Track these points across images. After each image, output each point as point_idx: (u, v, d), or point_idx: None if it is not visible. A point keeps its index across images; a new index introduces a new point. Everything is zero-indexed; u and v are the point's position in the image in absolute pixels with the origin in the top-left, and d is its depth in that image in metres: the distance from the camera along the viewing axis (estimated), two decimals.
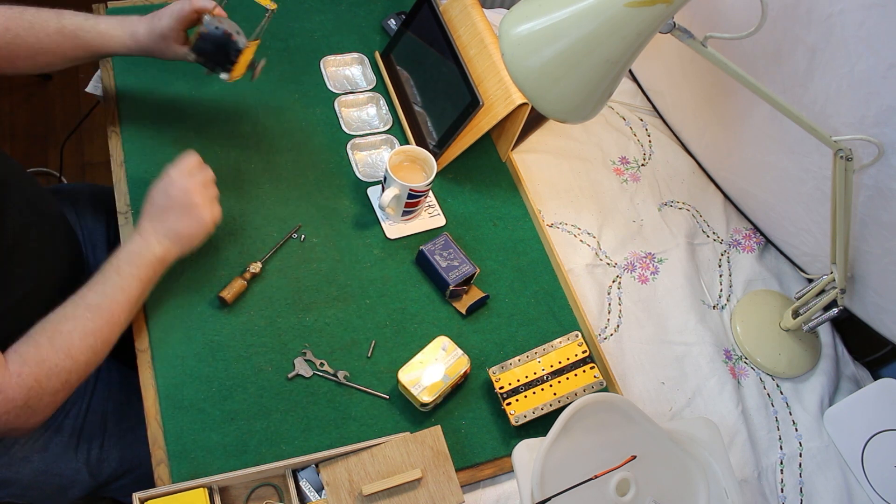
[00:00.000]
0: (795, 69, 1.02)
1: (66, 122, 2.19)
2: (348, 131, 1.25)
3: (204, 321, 1.03)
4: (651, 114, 1.47)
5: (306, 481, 0.93)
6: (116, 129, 1.18)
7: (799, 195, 1.16)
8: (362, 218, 1.17)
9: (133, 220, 1.09)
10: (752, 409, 1.16)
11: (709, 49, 0.81)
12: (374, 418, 1.01)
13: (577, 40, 0.79)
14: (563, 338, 1.05)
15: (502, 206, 1.23)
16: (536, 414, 1.00)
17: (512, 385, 1.02)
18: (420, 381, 0.99)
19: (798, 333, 1.22)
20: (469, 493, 1.00)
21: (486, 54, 1.17)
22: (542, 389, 1.02)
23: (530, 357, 1.04)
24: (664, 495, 0.95)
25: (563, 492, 0.90)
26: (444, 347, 1.02)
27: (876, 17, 0.88)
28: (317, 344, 1.05)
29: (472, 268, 1.10)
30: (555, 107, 0.87)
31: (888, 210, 0.99)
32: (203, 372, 1.00)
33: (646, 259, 1.27)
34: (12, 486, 1.06)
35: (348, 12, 1.40)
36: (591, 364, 1.04)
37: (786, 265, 1.32)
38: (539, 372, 1.03)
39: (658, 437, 0.98)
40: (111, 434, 1.10)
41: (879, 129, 0.93)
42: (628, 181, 1.35)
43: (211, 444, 0.95)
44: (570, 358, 1.04)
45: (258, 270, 1.06)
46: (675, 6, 0.75)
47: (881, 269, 1.06)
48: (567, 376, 1.03)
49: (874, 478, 1.11)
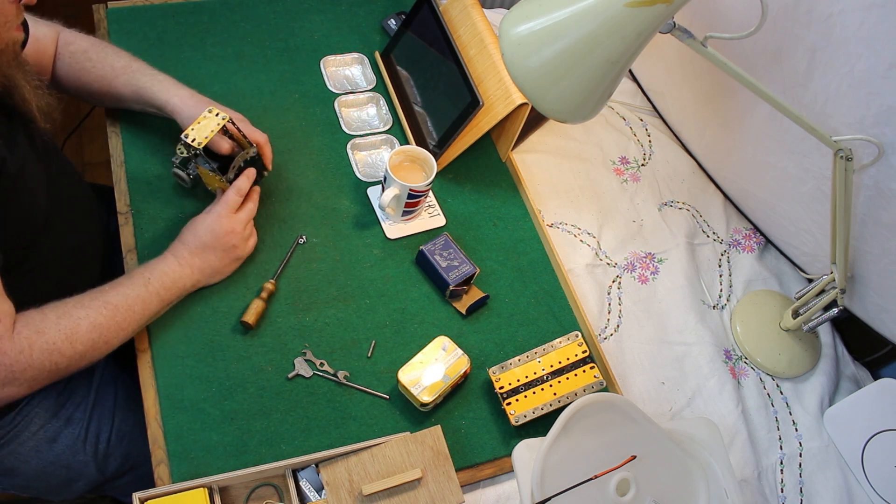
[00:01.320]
0: (795, 69, 1.02)
1: (66, 122, 2.19)
2: (348, 131, 1.25)
3: (204, 321, 1.03)
4: (651, 114, 1.47)
5: (306, 481, 0.93)
6: (116, 129, 1.18)
7: (799, 195, 1.16)
8: (362, 218, 1.17)
9: (133, 221, 1.09)
10: (752, 409, 1.16)
11: (709, 49, 0.81)
12: (374, 418, 1.01)
13: (577, 40, 0.79)
14: (564, 338, 1.05)
15: (502, 206, 1.23)
16: (536, 414, 1.00)
17: (512, 385, 1.02)
18: (420, 381, 0.99)
19: (798, 333, 1.22)
20: (469, 493, 1.00)
21: (486, 54, 1.17)
22: (541, 389, 1.02)
23: (530, 357, 1.04)
24: (664, 495, 0.95)
25: (563, 492, 0.90)
26: (444, 347, 1.02)
27: (876, 17, 0.88)
28: (317, 344, 1.05)
29: (472, 268, 1.10)
30: (555, 107, 0.87)
31: (888, 210, 0.99)
32: (203, 372, 1.00)
33: (646, 259, 1.27)
34: (18, 477, 1.06)
35: (348, 12, 1.40)
36: (591, 364, 1.04)
37: (786, 265, 1.32)
38: (539, 372, 1.03)
39: (658, 437, 0.98)
40: (118, 428, 1.10)
41: (879, 129, 0.93)
42: (628, 181, 1.35)
43: (211, 444, 0.95)
44: (570, 358, 1.04)
45: (273, 288, 1.06)
46: (675, 6, 0.75)
47: (881, 269, 1.06)
48: (567, 376, 1.03)
49: (874, 478, 1.11)
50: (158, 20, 1.30)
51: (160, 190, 1.12)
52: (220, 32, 1.31)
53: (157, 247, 1.07)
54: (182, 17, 1.31)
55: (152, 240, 1.08)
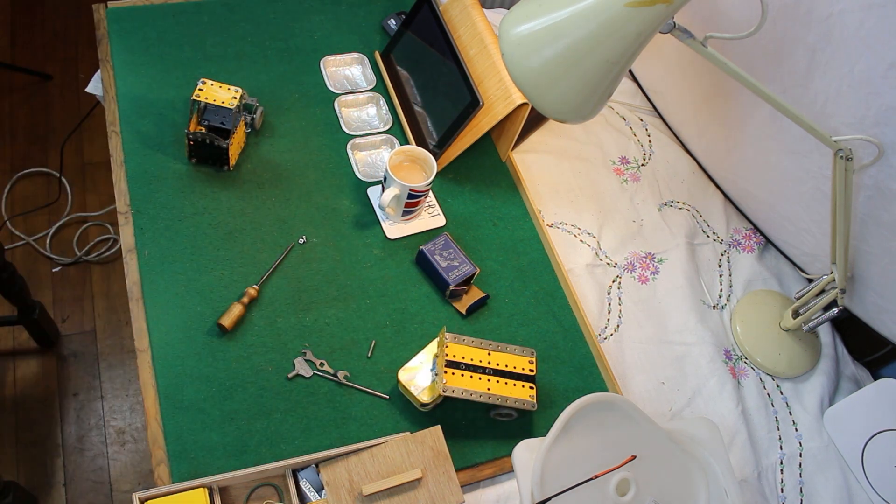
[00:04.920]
0: (795, 69, 1.02)
1: (66, 122, 2.19)
2: (348, 131, 1.25)
3: (204, 321, 1.03)
4: (651, 114, 1.47)
5: (306, 481, 0.93)
6: (116, 129, 1.18)
7: (799, 195, 1.16)
8: (362, 218, 1.17)
9: (133, 221, 1.09)
10: (752, 409, 1.16)
11: (709, 49, 0.81)
12: (374, 418, 1.01)
13: (577, 40, 0.79)
14: (520, 348, 1.04)
15: (502, 206, 1.23)
16: (464, 397, 0.98)
17: (457, 358, 1.00)
18: (420, 382, 0.99)
19: (798, 333, 1.22)
20: (469, 493, 1.00)
21: (486, 54, 1.17)
22: (479, 378, 1.00)
23: (484, 346, 1.02)
24: (664, 495, 0.95)
25: (563, 492, 0.90)
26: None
27: (876, 17, 0.88)
28: (317, 344, 1.05)
29: (472, 268, 1.10)
30: (555, 107, 0.87)
31: (888, 210, 0.99)
32: (203, 372, 1.00)
33: (646, 259, 1.27)
34: None
35: (348, 12, 1.40)
36: (532, 385, 1.02)
37: (786, 265, 1.32)
38: (484, 362, 1.01)
39: (658, 437, 0.98)
40: None
41: (879, 129, 0.93)
42: (628, 181, 1.35)
43: (211, 444, 0.95)
44: (516, 367, 1.02)
45: (255, 294, 1.06)
46: (675, 6, 0.75)
47: (881, 269, 1.06)
48: (506, 381, 1.01)
49: (874, 478, 1.11)
50: (158, 20, 1.30)
51: (160, 190, 1.12)
52: (220, 32, 1.31)
53: (158, 247, 1.07)
54: (182, 17, 1.31)
55: (152, 240, 1.08)
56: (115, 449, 1.74)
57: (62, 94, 2.25)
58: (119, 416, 1.78)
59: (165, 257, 1.07)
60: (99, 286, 1.95)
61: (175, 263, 1.07)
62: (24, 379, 1.79)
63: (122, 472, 1.71)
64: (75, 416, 1.76)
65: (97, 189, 2.09)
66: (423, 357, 1.01)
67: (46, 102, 2.23)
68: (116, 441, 1.75)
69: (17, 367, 1.81)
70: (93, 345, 1.87)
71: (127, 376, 1.83)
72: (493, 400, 0.98)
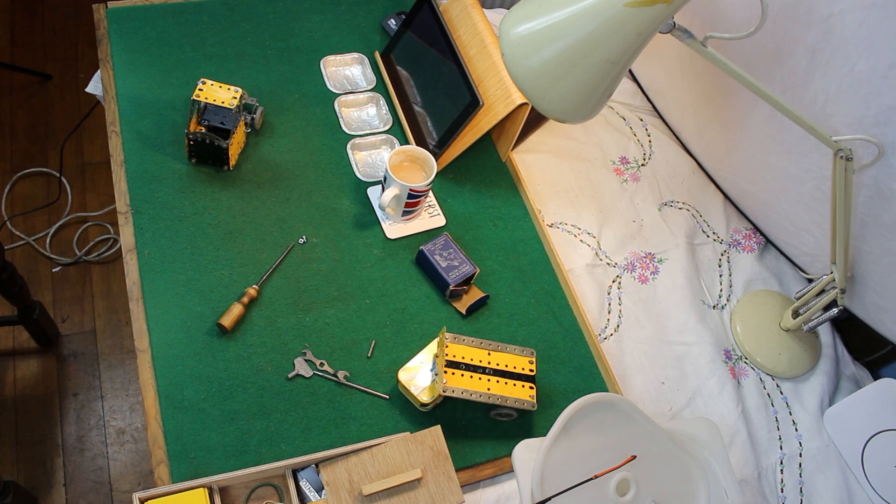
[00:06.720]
0: (795, 69, 1.02)
1: (66, 122, 2.19)
2: (348, 131, 1.25)
3: (204, 321, 1.03)
4: (651, 114, 1.47)
5: (306, 481, 0.93)
6: (116, 129, 1.18)
7: (799, 195, 1.16)
8: (362, 218, 1.17)
9: (133, 220, 1.09)
10: (752, 409, 1.16)
11: (709, 49, 0.81)
12: (374, 418, 1.01)
13: (577, 40, 0.79)
14: (520, 348, 1.04)
15: (502, 206, 1.23)
16: (464, 397, 0.98)
17: (457, 358, 1.00)
18: (420, 382, 0.99)
19: (798, 333, 1.22)
20: (469, 493, 1.00)
21: (486, 54, 1.17)
22: (479, 378, 1.00)
23: (484, 346, 1.02)
24: (664, 495, 0.95)
25: (563, 492, 0.90)
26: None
27: (876, 17, 0.88)
28: (317, 344, 1.05)
29: (472, 268, 1.10)
30: (555, 107, 0.87)
31: (888, 210, 0.99)
32: (203, 372, 1.00)
33: (646, 259, 1.27)
34: None
35: (348, 12, 1.40)
36: (532, 385, 1.02)
37: (786, 265, 1.32)
38: (484, 362, 1.02)
39: (658, 437, 0.98)
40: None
41: (879, 129, 0.93)
42: (628, 181, 1.35)
43: (211, 444, 0.95)
44: (516, 367, 1.02)
45: (255, 294, 1.06)
46: (675, 6, 0.75)
47: (881, 269, 1.06)
48: (506, 381, 1.01)
49: (874, 478, 1.11)
50: (158, 20, 1.30)
51: (160, 190, 1.12)
52: (220, 32, 1.31)
53: (157, 246, 1.07)
54: (182, 17, 1.31)
55: (152, 240, 1.08)
56: (115, 449, 1.74)
57: (62, 94, 2.25)
58: (119, 416, 1.78)
59: (165, 257, 1.07)
60: (99, 286, 1.95)
61: (175, 263, 1.07)
62: (24, 379, 1.79)
63: (122, 472, 1.71)
64: (75, 415, 1.76)
65: (97, 189, 2.09)
66: (423, 357, 1.01)
67: (46, 102, 2.23)
68: (116, 441, 1.75)
69: (17, 367, 1.81)
70: (93, 345, 1.87)
71: (127, 376, 1.83)
72: (493, 400, 0.98)
